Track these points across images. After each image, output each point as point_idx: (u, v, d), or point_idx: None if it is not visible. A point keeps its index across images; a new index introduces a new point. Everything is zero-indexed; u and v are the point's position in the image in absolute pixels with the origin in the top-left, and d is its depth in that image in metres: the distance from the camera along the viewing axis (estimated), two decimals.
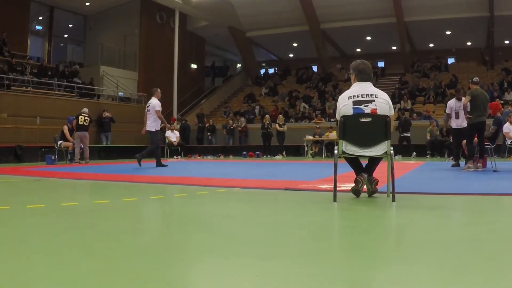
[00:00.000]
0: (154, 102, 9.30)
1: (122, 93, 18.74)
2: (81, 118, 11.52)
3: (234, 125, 18.82)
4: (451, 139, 9.63)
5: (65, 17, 19.95)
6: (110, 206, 3.64)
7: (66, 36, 21.09)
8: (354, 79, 3.96)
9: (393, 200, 3.56)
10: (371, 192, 3.91)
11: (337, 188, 3.67)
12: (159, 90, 9.53)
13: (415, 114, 17.24)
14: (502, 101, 16.58)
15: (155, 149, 9.27)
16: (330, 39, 22.40)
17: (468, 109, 7.30)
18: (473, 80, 7.68)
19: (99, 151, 15.02)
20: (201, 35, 23.55)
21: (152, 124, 9.20)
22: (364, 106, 3.73)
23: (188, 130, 18.63)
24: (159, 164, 9.09)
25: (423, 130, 14.92)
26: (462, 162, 8.32)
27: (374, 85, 4.00)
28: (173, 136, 15.42)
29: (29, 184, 5.87)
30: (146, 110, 9.41)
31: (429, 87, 19.26)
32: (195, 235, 2.45)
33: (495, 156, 7.93)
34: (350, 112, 3.75)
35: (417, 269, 1.71)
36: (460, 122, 8.01)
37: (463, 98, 7.65)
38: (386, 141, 3.70)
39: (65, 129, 11.84)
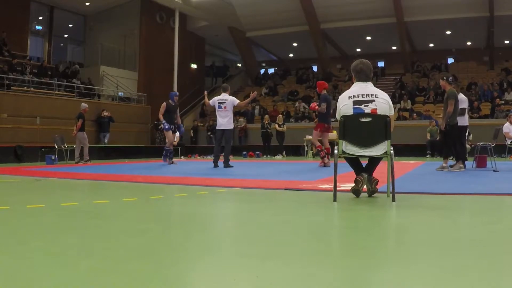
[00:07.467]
0: (232, 98, 8.90)
1: (122, 93, 18.75)
2: (75, 120, 11.35)
3: (234, 125, 18.82)
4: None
5: (65, 17, 19.94)
6: (110, 206, 3.64)
7: (66, 36, 21.10)
8: (354, 79, 3.97)
9: (393, 200, 3.56)
10: (371, 192, 3.91)
11: (337, 188, 3.67)
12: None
13: (415, 114, 17.25)
14: (502, 101, 16.63)
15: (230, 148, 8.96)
16: (330, 39, 22.39)
17: (451, 112, 7.22)
18: (449, 79, 7.56)
19: (99, 151, 15.02)
20: (201, 35, 23.54)
21: (230, 122, 8.87)
22: (364, 106, 3.73)
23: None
24: (227, 165, 8.67)
25: (423, 130, 14.92)
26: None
27: (374, 85, 4.00)
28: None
29: (29, 184, 5.87)
30: (216, 107, 8.82)
31: (429, 87, 19.27)
32: (195, 235, 2.45)
33: (495, 156, 7.93)
34: (350, 112, 3.76)
35: (417, 270, 1.71)
36: (463, 121, 7.93)
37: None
38: (386, 141, 3.71)
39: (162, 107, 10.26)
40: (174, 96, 10.36)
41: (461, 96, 7.65)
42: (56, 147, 12.07)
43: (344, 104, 3.82)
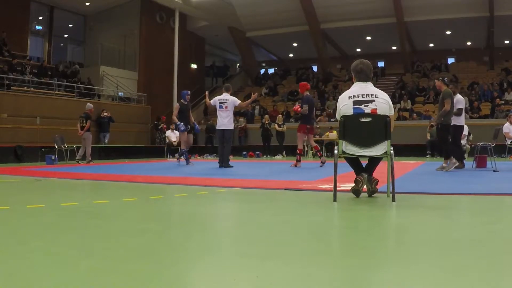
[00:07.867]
0: (233, 98, 8.88)
1: (122, 93, 18.75)
2: (81, 119, 11.45)
3: (234, 125, 18.81)
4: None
5: (65, 17, 19.94)
6: (110, 206, 3.64)
7: (66, 36, 21.09)
8: (354, 79, 3.97)
9: (393, 200, 3.56)
10: (371, 192, 3.91)
11: (337, 188, 3.67)
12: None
13: (415, 114, 17.25)
14: (502, 101, 16.63)
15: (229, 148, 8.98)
16: (330, 39, 22.40)
17: (447, 111, 7.24)
18: (445, 79, 7.64)
19: (99, 151, 15.02)
20: (201, 35, 23.54)
21: (230, 122, 8.91)
22: (364, 106, 3.73)
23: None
24: (226, 165, 8.65)
25: (423, 130, 14.92)
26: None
27: (374, 85, 4.00)
28: (173, 136, 15.41)
29: (29, 184, 5.87)
30: (217, 106, 8.83)
31: (429, 87, 19.28)
32: (195, 235, 2.45)
33: (495, 156, 7.93)
34: (350, 112, 3.76)
35: (417, 270, 1.71)
36: (459, 121, 7.94)
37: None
38: (386, 141, 3.71)
39: (176, 108, 10.04)
40: (186, 95, 10.18)
41: (458, 96, 7.67)
42: (56, 147, 12.07)
43: (344, 104, 3.82)
